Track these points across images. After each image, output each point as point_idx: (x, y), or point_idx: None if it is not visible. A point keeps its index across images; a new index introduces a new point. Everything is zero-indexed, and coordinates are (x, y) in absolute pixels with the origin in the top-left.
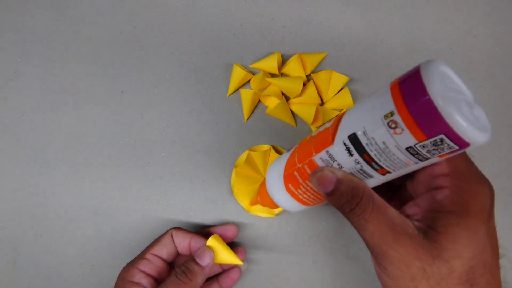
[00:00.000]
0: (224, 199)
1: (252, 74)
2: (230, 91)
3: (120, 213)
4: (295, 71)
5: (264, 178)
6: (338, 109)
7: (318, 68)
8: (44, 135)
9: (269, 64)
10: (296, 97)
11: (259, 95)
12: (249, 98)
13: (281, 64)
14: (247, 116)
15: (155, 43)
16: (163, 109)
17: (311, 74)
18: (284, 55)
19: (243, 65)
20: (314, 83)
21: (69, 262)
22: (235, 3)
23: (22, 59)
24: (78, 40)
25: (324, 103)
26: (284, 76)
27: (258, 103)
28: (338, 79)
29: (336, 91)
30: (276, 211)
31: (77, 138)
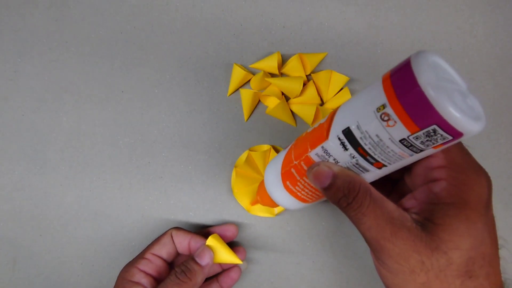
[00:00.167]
0: (224, 199)
1: (252, 74)
2: (230, 91)
3: (120, 213)
4: (295, 71)
5: (263, 177)
6: None
7: (318, 68)
8: (44, 135)
9: (269, 64)
10: (296, 97)
11: (259, 95)
12: (249, 98)
13: (281, 64)
14: (247, 116)
15: (155, 43)
16: (163, 109)
17: (311, 74)
18: (284, 55)
19: (243, 65)
20: (314, 83)
21: (69, 262)
22: (235, 3)
23: (22, 59)
24: (78, 40)
25: (324, 103)
26: (284, 76)
27: (258, 103)
28: (338, 79)
29: (336, 91)
30: (276, 211)
31: (77, 138)
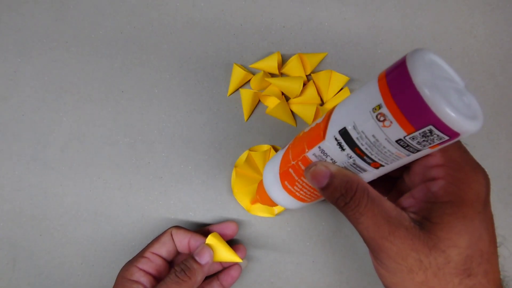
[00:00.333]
0: (224, 199)
1: (252, 74)
2: (230, 91)
3: (120, 213)
4: (295, 71)
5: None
6: None
7: (318, 68)
8: (44, 135)
9: (269, 64)
10: (296, 97)
11: (259, 95)
12: (249, 98)
13: (281, 64)
14: (247, 116)
15: (155, 43)
16: (163, 109)
17: (311, 74)
18: (284, 55)
19: (243, 65)
20: (314, 83)
21: (69, 262)
22: (235, 3)
23: (22, 59)
24: (78, 40)
25: (324, 103)
26: (284, 76)
27: (258, 103)
28: (338, 79)
29: (336, 91)
30: (276, 211)
31: (77, 138)
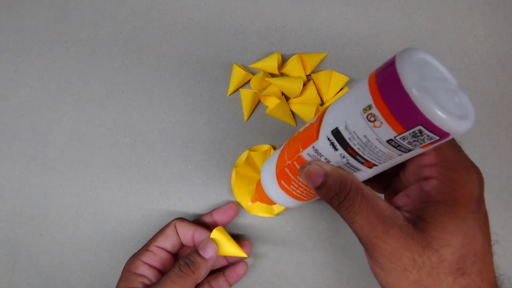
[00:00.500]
0: (224, 199)
1: (252, 74)
2: (230, 91)
3: (120, 213)
4: (295, 71)
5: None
6: None
7: (318, 68)
8: (44, 135)
9: (269, 64)
10: (296, 97)
11: (259, 95)
12: (249, 98)
13: (281, 64)
14: (247, 116)
15: (155, 43)
16: (163, 109)
17: (311, 74)
18: (284, 55)
19: (243, 65)
20: (314, 83)
21: (69, 262)
22: (235, 3)
23: (22, 59)
24: (78, 40)
25: (324, 103)
26: (284, 76)
27: (258, 103)
28: (338, 79)
29: (336, 91)
30: (276, 211)
31: (77, 138)
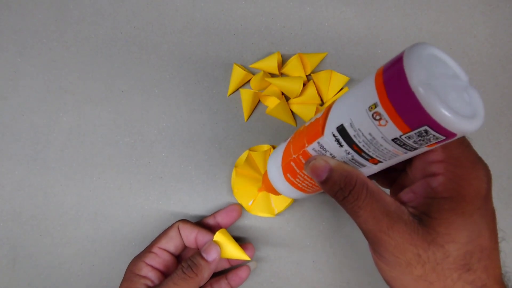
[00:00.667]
0: (224, 199)
1: (252, 74)
2: (230, 91)
3: (120, 213)
4: (295, 71)
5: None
6: None
7: (318, 68)
8: (44, 135)
9: (269, 64)
10: (296, 97)
11: (259, 95)
12: (249, 98)
13: (281, 64)
14: (247, 116)
15: (155, 43)
16: (163, 109)
17: (311, 74)
18: (284, 55)
19: (243, 65)
20: (314, 83)
21: (69, 262)
22: (235, 3)
23: (22, 59)
24: (78, 40)
25: (324, 103)
26: (284, 76)
27: (258, 103)
28: (338, 79)
29: (336, 91)
30: (276, 211)
31: (77, 138)
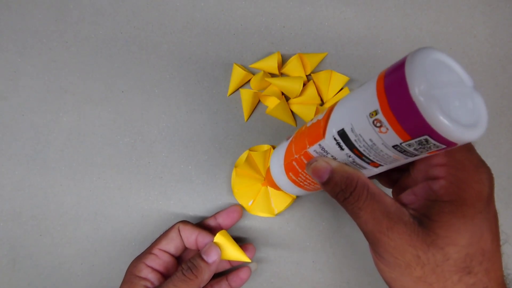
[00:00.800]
0: (224, 199)
1: (252, 74)
2: (230, 91)
3: (120, 213)
4: (295, 71)
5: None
6: None
7: (318, 68)
8: (44, 135)
9: (269, 64)
10: (296, 97)
11: (259, 95)
12: (249, 98)
13: (281, 64)
14: (247, 116)
15: (155, 43)
16: (163, 109)
17: (311, 74)
18: (284, 55)
19: (243, 65)
20: (314, 83)
21: (69, 262)
22: (235, 3)
23: (22, 59)
24: (78, 40)
25: (324, 103)
26: (284, 76)
27: (258, 103)
28: (338, 79)
29: (336, 91)
30: (276, 211)
31: (77, 138)
